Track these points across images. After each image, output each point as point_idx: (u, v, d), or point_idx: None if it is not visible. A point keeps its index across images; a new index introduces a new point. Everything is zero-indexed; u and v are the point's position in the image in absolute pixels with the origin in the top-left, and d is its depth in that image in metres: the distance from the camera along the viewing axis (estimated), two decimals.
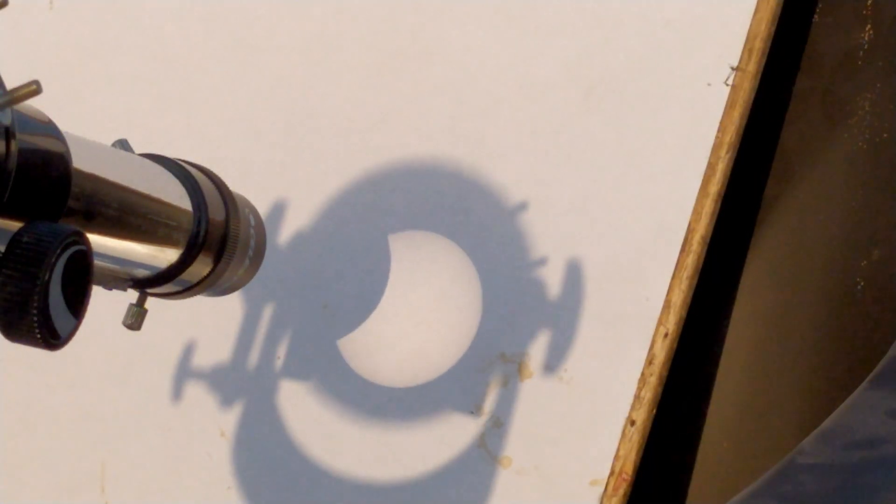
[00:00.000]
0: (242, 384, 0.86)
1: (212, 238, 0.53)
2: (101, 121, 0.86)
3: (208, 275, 0.54)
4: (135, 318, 0.55)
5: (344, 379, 0.85)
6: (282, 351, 0.86)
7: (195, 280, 0.54)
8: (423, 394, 0.83)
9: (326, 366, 0.85)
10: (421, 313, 0.84)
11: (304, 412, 0.85)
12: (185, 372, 0.87)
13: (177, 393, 0.87)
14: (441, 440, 0.83)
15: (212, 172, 0.56)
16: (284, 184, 0.87)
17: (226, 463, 0.86)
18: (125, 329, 0.88)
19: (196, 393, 0.87)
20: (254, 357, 0.86)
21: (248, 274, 0.58)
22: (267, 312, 0.86)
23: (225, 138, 0.88)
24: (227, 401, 0.86)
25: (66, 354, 0.90)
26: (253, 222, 0.58)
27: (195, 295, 0.55)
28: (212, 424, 0.86)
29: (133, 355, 0.88)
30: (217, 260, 0.54)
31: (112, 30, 0.91)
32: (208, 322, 0.87)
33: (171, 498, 0.87)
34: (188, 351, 0.87)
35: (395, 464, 0.83)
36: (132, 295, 0.55)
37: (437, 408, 0.83)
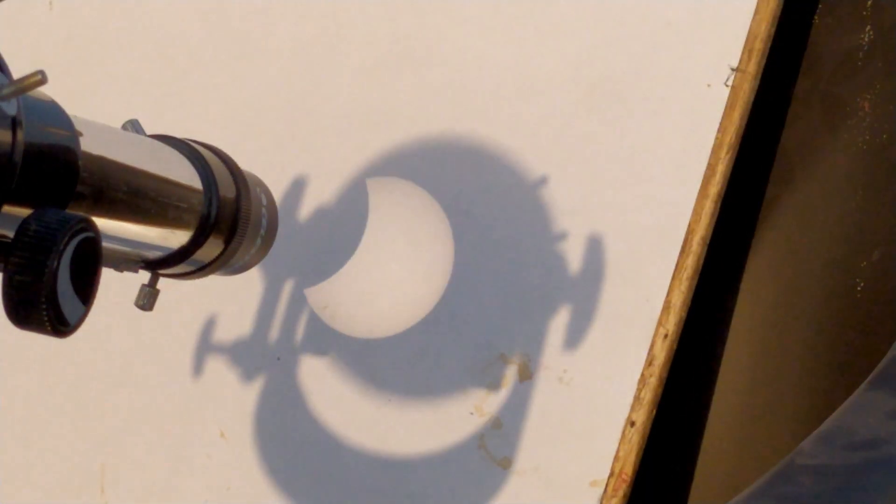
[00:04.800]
0: (242, 384, 0.86)
1: (223, 218, 0.53)
2: (102, 120, 0.86)
3: (220, 254, 0.54)
4: (147, 299, 0.55)
5: (344, 380, 0.85)
6: (282, 351, 0.86)
7: (207, 260, 0.54)
8: (423, 394, 0.83)
9: (326, 366, 0.85)
10: (421, 313, 0.84)
11: (304, 413, 0.85)
12: (185, 372, 0.87)
13: (177, 393, 0.87)
14: (441, 441, 0.83)
15: (222, 152, 0.56)
16: (284, 185, 0.87)
17: (225, 463, 0.86)
18: (124, 330, 0.88)
19: (196, 393, 0.87)
20: (254, 357, 0.86)
21: (260, 252, 0.58)
22: (267, 313, 0.86)
23: (224, 141, 0.88)
24: (227, 401, 0.86)
25: (67, 354, 0.90)
26: (265, 201, 0.58)
27: (208, 275, 0.55)
28: (212, 424, 0.86)
29: (133, 356, 0.88)
30: (229, 239, 0.54)
31: (112, 28, 0.91)
32: (208, 323, 0.87)
33: (170, 498, 0.87)
34: (188, 351, 0.87)
35: (394, 464, 0.83)
36: (143, 277, 0.55)
37: (437, 408, 0.83)
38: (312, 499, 0.85)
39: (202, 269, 0.55)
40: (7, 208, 0.37)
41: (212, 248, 0.53)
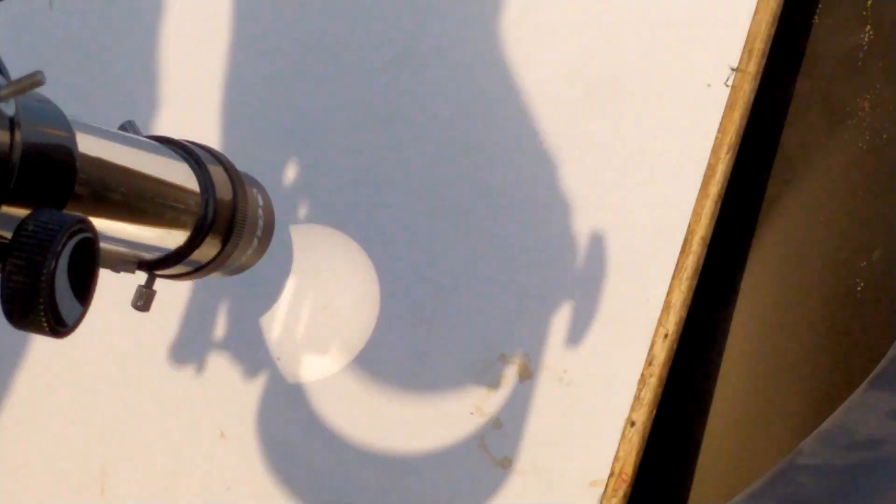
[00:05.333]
0: (242, 384, 0.86)
1: (220, 219, 0.53)
2: (100, 121, 0.86)
3: (217, 255, 0.54)
4: (143, 300, 0.55)
5: (343, 380, 0.85)
6: (282, 352, 0.86)
7: (204, 261, 0.54)
8: (424, 394, 0.83)
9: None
10: (421, 313, 0.84)
11: (304, 413, 0.85)
12: (184, 372, 0.87)
13: (177, 393, 0.87)
14: (441, 441, 0.83)
15: (219, 153, 0.56)
16: (283, 185, 0.87)
17: (225, 464, 0.86)
18: (124, 330, 0.88)
19: (196, 393, 0.87)
20: (254, 357, 0.86)
21: (257, 253, 0.58)
22: (267, 313, 0.86)
23: (221, 142, 0.88)
24: (227, 401, 0.86)
25: (67, 355, 0.90)
26: (261, 202, 0.58)
27: (205, 276, 0.56)
28: (212, 425, 0.86)
29: (132, 356, 0.88)
30: (226, 241, 0.54)
31: (112, 29, 0.91)
32: (208, 323, 0.87)
33: (170, 499, 0.87)
34: (188, 351, 0.87)
35: (394, 464, 0.83)
36: (141, 277, 0.55)
37: (438, 408, 0.83)
38: (312, 499, 0.85)
39: (199, 270, 0.55)
40: (5, 209, 0.37)
41: (209, 249, 0.53)
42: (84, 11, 0.91)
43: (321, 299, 0.86)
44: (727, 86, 0.80)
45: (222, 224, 0.53)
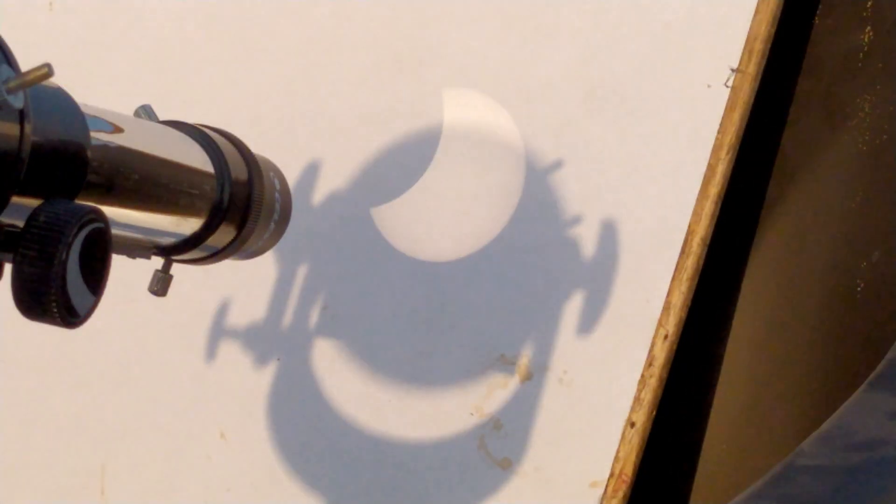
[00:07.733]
0: (242, 385, 0.86)
1: (235, 203, 0.53)
2: None
3: (233, 240, 0.54)
4: (160, 285, 0.55)
5: (344, 380, 0.85)
6: (282, 352, 0.86)
7: (220, 245, 0.54)
8: (423, 395, 0.83)
9: (326, 367, 0.85)
10: (420, 314, 0.84)
11: (304, 414, 0.85)
12: (185, 372, 0.87)
13: (177, 394, 0.87)
14: (441, 441, 0.83)
15: (235, 137, 0.55)
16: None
17: (225, 465, 0.86)
18: (125, 330, 0.88)
19: (196, 394, 0.87)
20: (254, 358, 0.86)
21: (274, 237, 0.58)
22: (267, 314, 0.86)
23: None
24: (227, 402, 0.86)
25: (67, 354, 0.90)
26: (278, 185, 0.57)
27: (221, 260, 0.55)
28: (212, 426, 0.86)
29: (132, 355, 0.88)
30: (241, 225, 0.54)
31: (113, 29, 0.91)
32: (207, 324, 0.87)
33: (170, 498, 0.87)
34: (187, 352, 0.87)
35: (394, 465, 0.83)
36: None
37: (437, 409, 0.83)
38: (312, 499, 0.85)
39: (216, 255, 0.54)
40: (16, 199, 0.36)
41: (225, 235, 0.53)
42: (84, 11, 0.91)
43: (322, 299, 0.86)
44: (727, 86, 0.80)
45: (238, 208, 0.53)
